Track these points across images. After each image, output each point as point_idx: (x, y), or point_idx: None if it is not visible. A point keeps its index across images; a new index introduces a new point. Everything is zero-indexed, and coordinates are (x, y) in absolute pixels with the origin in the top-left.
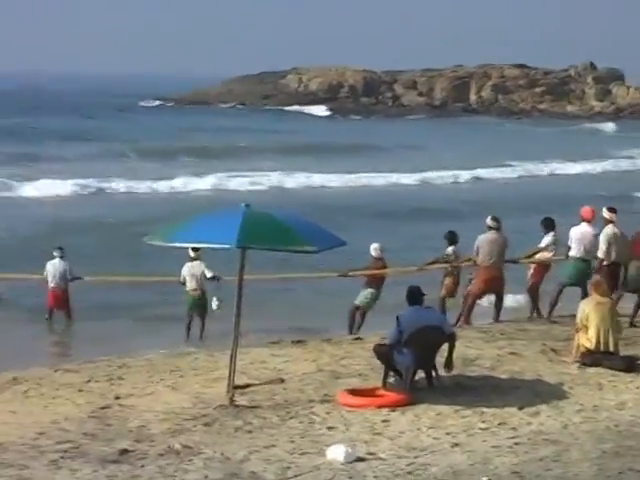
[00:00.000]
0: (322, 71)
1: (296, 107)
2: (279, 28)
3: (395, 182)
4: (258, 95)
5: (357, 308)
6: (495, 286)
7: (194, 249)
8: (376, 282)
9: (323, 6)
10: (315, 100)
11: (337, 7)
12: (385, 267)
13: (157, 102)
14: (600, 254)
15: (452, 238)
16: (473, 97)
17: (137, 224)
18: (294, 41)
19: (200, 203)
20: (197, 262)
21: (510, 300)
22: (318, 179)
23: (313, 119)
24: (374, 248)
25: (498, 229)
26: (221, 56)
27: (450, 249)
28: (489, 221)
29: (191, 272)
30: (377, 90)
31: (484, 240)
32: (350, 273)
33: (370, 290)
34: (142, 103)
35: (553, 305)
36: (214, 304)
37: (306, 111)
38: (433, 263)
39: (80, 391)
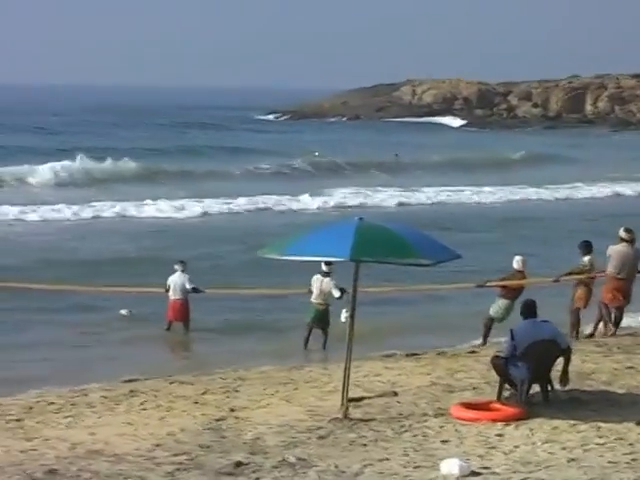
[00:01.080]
0: (436, 83)
1: (427, 118)
2: (393, 41)
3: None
4: (372, 107)
5: (492, 320)
6: (621, 299)
7: (327, 263)
8: (512, 294)
9: (436, 20)
10: (430, 112)
11: (449, 21)
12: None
13: (272, 115)
14: None
15: (587, 248)
16: (589, 108)
17: None
18: (408, 54)
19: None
20: (328, 279)
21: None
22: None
23: (448, 130)
24: (517, 260)
25: (631, 241)
26: (328, 69)
27: (586, 259)
28: (621, 232)
29: (320, 287)
30: (491, 102)
31: (615, 251)
32: (487, 284)
33: (505, 301)
34: (258, 116)
35: None
36: (343, 316)
37: (436, 121)
38: (569, 274)
39: (196, 403)
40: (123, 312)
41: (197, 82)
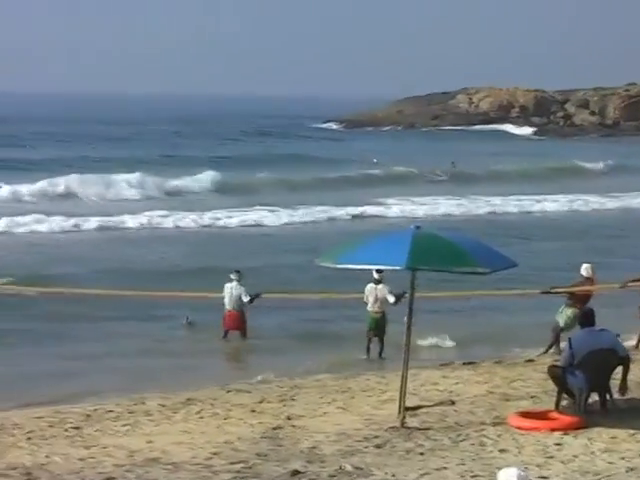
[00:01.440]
0: (492, 91)
1: (484, 126)
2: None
3: None
4: (427, 116)
5: (561, 329)
6: None
7: (378, 271)
8: (581, 302)
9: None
10: (486, 120)
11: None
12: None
13: (331, 124)
14: None
15: None
16: None
17: None
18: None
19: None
20: (381, 285)
21: None
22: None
23: (519, 139)
24: (585, 268)
25: None
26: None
27: None
28: None
29: (374, 294)
30: (548, 110)
31: None
32: (553, 290)
33: (574, 310)
34: (314, 125)
35: None
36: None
37: (498, 129)
38: (636, 280)
39: (253, 411)
40: (186, 319)
41: (245, 90)
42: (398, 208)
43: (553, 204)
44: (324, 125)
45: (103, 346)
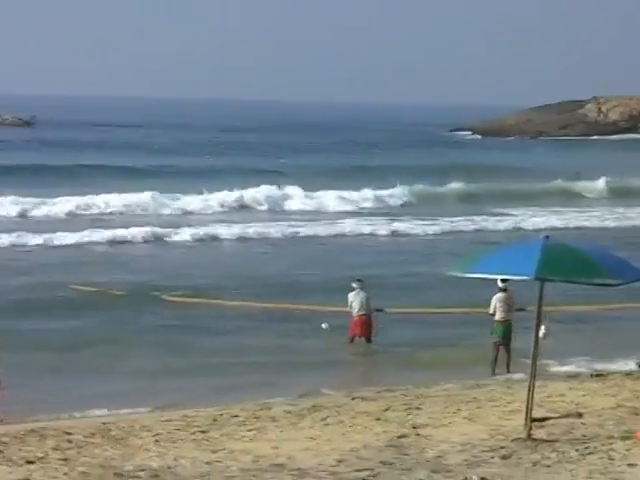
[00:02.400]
0: (622, 100)
1: (614, 136)
2: (578, 57)
3: None
4: (556, 125)
5: None
6: None
7: (503, 280)
8: None
9: (622, 34)
10: (616, 130)
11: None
12: None
13: (456, 132)
14: None
15: None
16: None
17: None
18: (594, 70)
19: None
20: (507, 294)
21: None
22: None
23: None
24: None
25: None
26: (512, 85)
27: None
28: None
29: (505, 302)
30: None
31: None
32: None
33: None
34: (443, 133)
35: None
36: (541, 332)
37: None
38: None
39: (378, 419)
40: (324, 326)
41: (360, 99)
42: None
43: None
44: (458, 133)
45: (239, 345)
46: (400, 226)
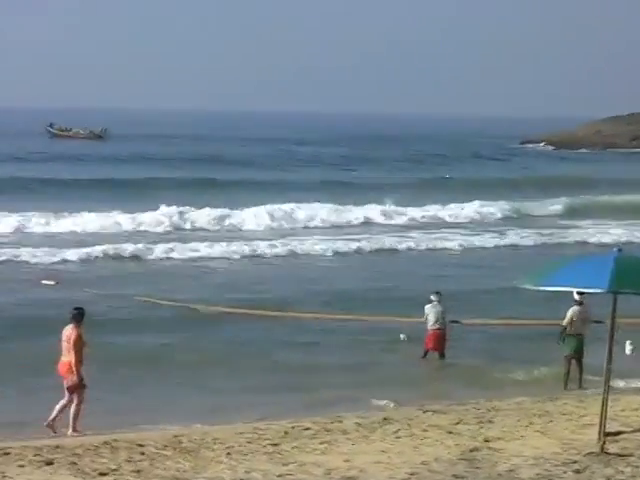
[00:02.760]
0: None
1: None
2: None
3: None
4: (627, 137)
5: None
6: None
7: (579, 293)
8: None
9: None
10: None
11: None
12: None
13: (527, 145)
14: None
15: None
16: None
17: None
18: None
19: None
20: (582, 307)
21: None
22: None
23: None
24: None
25: None
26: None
27: None
28: None
29: (580, 316)
30: None
31: None
32: None
33: None
34: (513, 145)
35: None
36: (628, 348)
37: None
38: None
39: (449, 433)
40: (402, 337)
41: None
42: None
43: None
44: (527, 146)
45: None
46: (511, 238)
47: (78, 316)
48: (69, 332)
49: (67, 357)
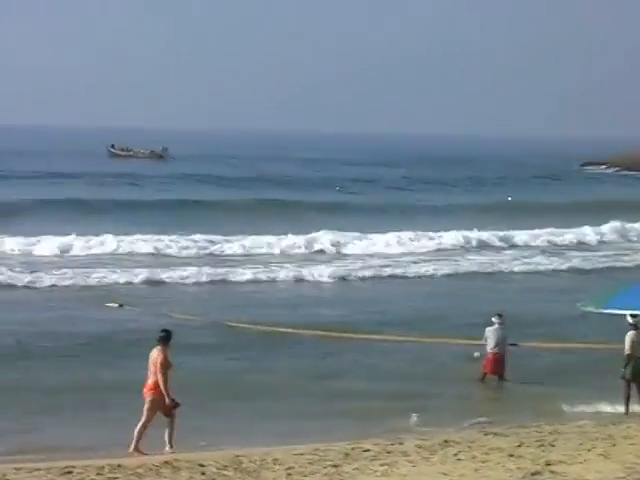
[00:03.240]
0: None
1: None
2: None
3: None
4: None
5: None
6: None
7: (632, 316)
8: None
9: None
10: None
11: None
12: None
13: (589, 167)
14: None
15: None
16: None
17: None
18: None
19: None
20: (637, 331)
21: None
22: None
23: None
24: None
25: None
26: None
27: None
28: None
29: (633, 340)
30: None
31: None
32: None
33: None
34: (589, 168)
35: None
36: None
37: None
38: None
39: (511, 456)
40: (476, 355)
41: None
42: None
43: None
44: (589, 168)
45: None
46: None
47: (165, 339)
48: (156, 354)
49: (152, 378)
